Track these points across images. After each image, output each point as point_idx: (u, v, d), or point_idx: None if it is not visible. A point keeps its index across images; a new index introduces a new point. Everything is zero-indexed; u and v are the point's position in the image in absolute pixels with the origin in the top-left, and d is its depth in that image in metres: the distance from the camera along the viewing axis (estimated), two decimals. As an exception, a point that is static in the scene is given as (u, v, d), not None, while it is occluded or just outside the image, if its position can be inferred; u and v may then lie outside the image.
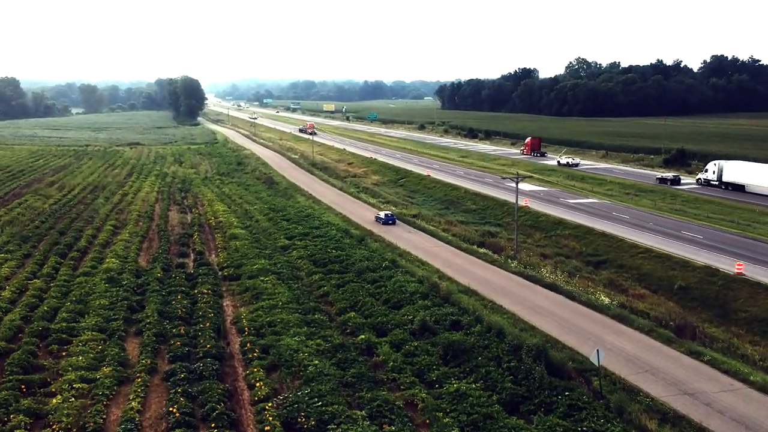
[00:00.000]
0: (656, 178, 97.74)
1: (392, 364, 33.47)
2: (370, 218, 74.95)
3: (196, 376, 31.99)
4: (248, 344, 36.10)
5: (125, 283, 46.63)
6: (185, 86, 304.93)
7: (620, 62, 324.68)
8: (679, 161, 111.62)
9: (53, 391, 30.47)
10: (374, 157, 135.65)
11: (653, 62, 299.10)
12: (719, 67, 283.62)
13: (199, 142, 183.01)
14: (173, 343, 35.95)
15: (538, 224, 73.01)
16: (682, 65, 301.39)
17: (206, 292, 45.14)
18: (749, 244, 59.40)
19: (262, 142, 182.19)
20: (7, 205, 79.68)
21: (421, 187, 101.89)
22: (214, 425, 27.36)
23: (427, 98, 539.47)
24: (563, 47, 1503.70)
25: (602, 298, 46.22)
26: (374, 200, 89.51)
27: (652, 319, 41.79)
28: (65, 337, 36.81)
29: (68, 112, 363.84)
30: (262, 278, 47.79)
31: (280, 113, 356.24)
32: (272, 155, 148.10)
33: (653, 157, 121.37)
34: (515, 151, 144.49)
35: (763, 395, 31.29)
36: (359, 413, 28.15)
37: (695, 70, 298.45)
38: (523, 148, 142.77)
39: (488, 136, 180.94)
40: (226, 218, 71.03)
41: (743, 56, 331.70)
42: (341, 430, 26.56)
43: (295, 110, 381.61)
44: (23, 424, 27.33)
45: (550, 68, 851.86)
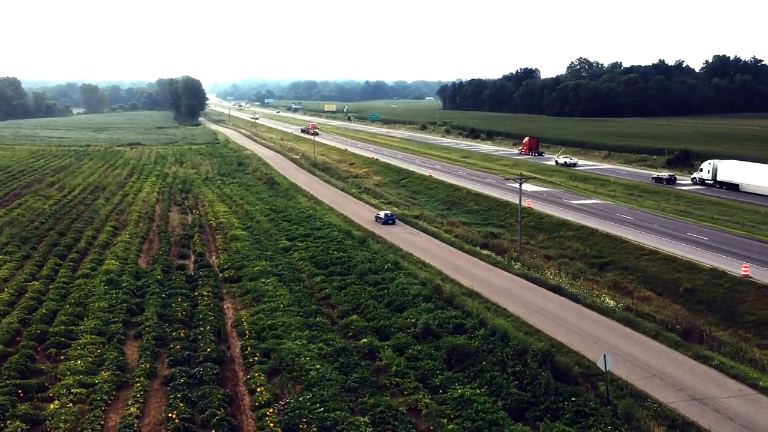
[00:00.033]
0: (652, 177, 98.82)
1: (395, 368, 32.96)
2: (371, 219, 74.50)
3: (196, 380, 31.55)
4: (249, 348, 35.64)
5: (125, 285, 46.17)
6: (186, 86, 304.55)
7: (622, 62, 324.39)
8: (682, 162, 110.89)
9: (51, 396, 30.08)
10: (376, 157, 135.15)
11: (655, 62, 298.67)
12: (721, 67, 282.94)
13: (200, 142, 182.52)
14: (173, 346, 35.49)
15: (541, 225, 72.45)
16: (684, 65, 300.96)
17: (206, 294, 44.69)
18: (755, 245, 58.78)
19: (263, 142, 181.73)
20: (6, 205, 79.24)
21: (423, 187, 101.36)
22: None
23: (428, 98, 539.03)
24: (565, 47, 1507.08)
25: (607, 300, 45.67)
26: (376, 201, 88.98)
27: (658, 322, 41.22)
28: (64, 340, 36.36)
29: (69, 112, 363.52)
30: (263, 280, 47.33)
31: (280, 113, 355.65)
32: (273, 155, 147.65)
33: (656, 157, 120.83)
34: (517, 151, 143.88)
35: (773, 401, 30.69)
36: (362, 419, 27.63)
37: (697, 70, 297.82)
38: (521, 147, 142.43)
39: (490, 136, 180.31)
40: (226, 219, 70.56)
41: (745, 56, 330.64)
42: (344, 437, 26.06)
43: (296, 110, 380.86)
44: (20, 430, 26.88)
45: (551, 68, 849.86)
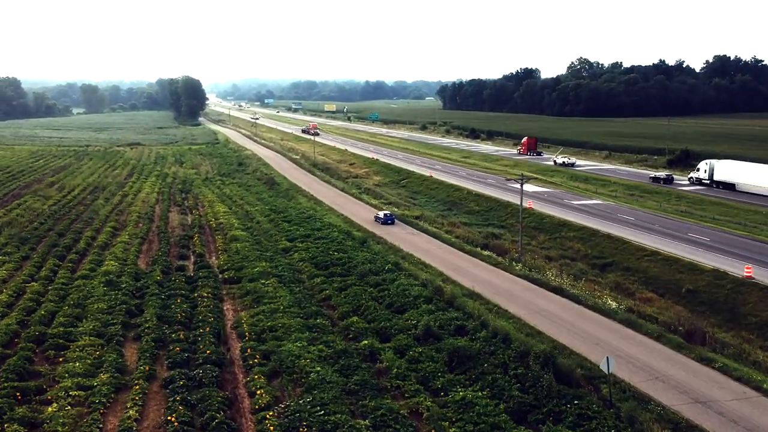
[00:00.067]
0: (650, 177, 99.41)
1: (396, 370, 32.67)
2: (371, 219, 74.28)
3: (195, 383, 31.29)
4: (249, 350, 35.38)
5: (124, 286, 45.91)
6: (186, 86, 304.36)
7: (622, 62, 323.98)
8: (683, 162, 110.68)
9: (49, 398, 29.81)
10: (376, 157, 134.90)
11: (655, 62, 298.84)
12: (722, 67, 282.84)
13: (200, 142, 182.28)
14: (172, 348, 35.22)
15: (542, 226, 72.18)
16: (684, 65, 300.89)
17: (206, 295, 44.43)
18: (757, 246, 58.49)
19: (263, 142, 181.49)
20: (6, 206, 78.98)
21: (423, 188, 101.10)
22: (213, 435, 26.69)
23: (428, 98, 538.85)
24: (565, 47, 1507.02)
25: (609, 302, 45.37)
26: (376, 201, 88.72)
27: (660, 323, 40.95)
28: (62, 342, 36.09)
29: (69, 112, 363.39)
30: (263, 281, 47.07)
31: (280, 113, 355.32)
32: (273, 156, 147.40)
33: (657, 157, 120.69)
34: (516, 151, 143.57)
35: (777, 404, 30.44)
36: (363, 423, 27.36)
37: (698, 70, 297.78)
38: (519, 147, 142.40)
39: (490, 136, 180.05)
40: (226, 219, 70.31)
41: (746, 56, 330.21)
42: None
43: (296, 110, 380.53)
44: (17, 433, 26.61)
45: (551, 68, 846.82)
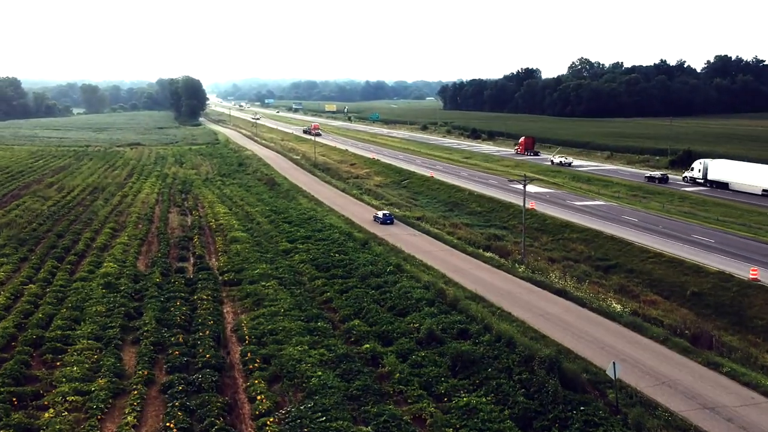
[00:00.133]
0: (645, 177, 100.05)
1: (399, 375, 32.16)
2: (372, 220, 73.81)
3: (194, 388, 30.77)
4: (249, 354, 34.85)
5: (123, 288, 45.44)
6: (187, 86, 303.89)
7: (623, 62, 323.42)
8: (685, 162, 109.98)
9: (46, 404, 29.37)
10: (377, 158, 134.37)
11: (657, 62, 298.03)
12: (723, 67, 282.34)
13: (200, 142, 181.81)
14: (171, 352, 34.72)
15: (544, 227, 71.63)
16: (685, 65, 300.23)
17: (206, 298, 43.93)
18: (763, 248, 57.87)
19: (263, 142, 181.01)
20: (5, 206, 78.50)
21: (424, 188, 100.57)
22: (213, 442, 26.20)
23: (429, 98, 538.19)
24: (566, 47, 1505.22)
25: (614, 304, 44.80)
26: (377, 202, 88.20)
27: (666, 327, 40.41)
28: (60, 345, 35.63)
29: (69, 112, 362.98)
30: (263, 283, 46.55)
31: (280, 113, 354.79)
32: (274, 156, 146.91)
33: (659, 158, 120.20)
34: (514, 151, 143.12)
35: (786, 410, 29.92)
36: (365, 429, 26.89)
37: (699, 70, 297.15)
38: (517, 147, 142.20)
39: (491, 136, 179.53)
40: (226, 220, 69.80)
41: (747, 56, 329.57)
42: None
43: (297, 110, 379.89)
44: (13, 439, 26.16)
45: (552, 68, 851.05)
